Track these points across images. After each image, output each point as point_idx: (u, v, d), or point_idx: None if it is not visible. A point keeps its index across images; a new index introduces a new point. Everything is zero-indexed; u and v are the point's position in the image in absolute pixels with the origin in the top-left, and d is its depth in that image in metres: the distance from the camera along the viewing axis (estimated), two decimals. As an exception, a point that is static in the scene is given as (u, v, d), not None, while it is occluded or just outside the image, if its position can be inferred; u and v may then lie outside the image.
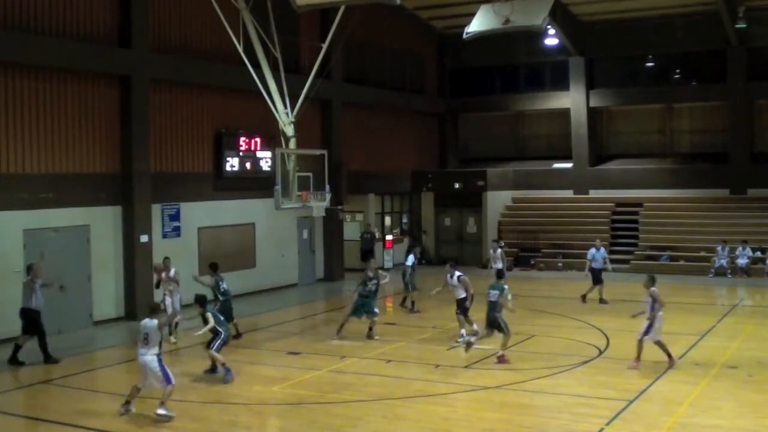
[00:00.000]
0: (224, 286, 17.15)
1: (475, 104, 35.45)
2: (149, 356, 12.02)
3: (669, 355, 14.58)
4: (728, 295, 24.51)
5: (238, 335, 17.04)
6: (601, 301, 21.86)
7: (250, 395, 13.21)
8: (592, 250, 22.36)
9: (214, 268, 17.46)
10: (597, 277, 22.07)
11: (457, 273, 17.17)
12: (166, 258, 18.01)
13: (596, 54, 32.65)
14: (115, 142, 20.19)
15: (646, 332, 14.52)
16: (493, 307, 15.21)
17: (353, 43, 25.72)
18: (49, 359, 15.68)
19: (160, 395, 11.97)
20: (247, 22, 18.90)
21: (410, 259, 21.67)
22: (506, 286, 15.47)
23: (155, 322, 12.14)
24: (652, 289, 14.67)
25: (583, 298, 21.96)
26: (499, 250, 23.40)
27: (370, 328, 17.57)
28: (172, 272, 17.59)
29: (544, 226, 31.40)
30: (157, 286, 17.76)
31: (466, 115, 36.19)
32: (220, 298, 16.93)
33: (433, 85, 35.14)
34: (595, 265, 22.13)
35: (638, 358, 14.51)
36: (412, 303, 21.12)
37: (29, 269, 15.87)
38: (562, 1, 29.05)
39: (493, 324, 15.26)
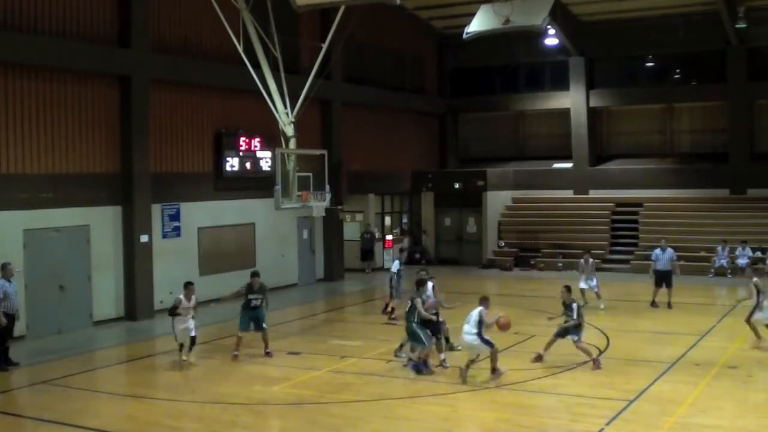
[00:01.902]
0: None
1: (475, 104, 35.44)
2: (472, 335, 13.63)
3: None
4: (728, 295, 24.46)
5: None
6: (668, 305, 20.91)
7: (250, 395, 13.20)
8: (657, 251, 21.36)
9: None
10: (661, 279, 21.02)
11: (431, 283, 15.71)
12: (191, 283, 15.95)
13: (596, 54, 32.64)
14: (115, 142, 20.18)
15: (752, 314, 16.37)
16: None
17: (353, 43, 25.71)
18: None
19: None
20: (247, 22, 18.90)
21: (395, 265, 20.42)
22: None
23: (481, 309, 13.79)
24: (755, 279, 16.58)
25: (653, 303, 21.06)
26: (591, 260, 21.39)
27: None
28: (192, 300, 15.60)
29: (544, 226, 31.40)
30: (174, 312, 15.50)
31: (466, 115, 36.18)
32: None
33: (433, 85, 35.14)
34: (659, 266, 21.09)
35: (758, 336, 16.26)
36: (392, 309, 19.80)
37: (3, 268, 15.44)
38: (562, 1, 29.03)
39: None
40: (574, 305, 14.85)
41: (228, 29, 18.88)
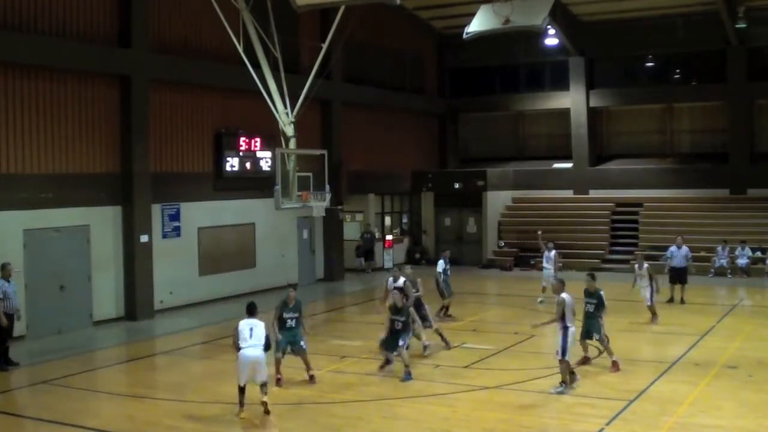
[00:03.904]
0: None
1: (475, 104, 35.44)
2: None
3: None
4: (728, 295, 24.50)
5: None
6: (681, 300, 21.34)
7: (251, 395, 13.16)
8: (672, 248, 21.65)
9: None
10: (676, 276, 21.36)
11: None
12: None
13: (596, 54, 32.64)
14: (115, 142, 20.18)
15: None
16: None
17: (353, 43, 25.70)
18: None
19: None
20: (247, 22, 18.88)
21: (440, 265, 20.21)
22: (602, 292, 14.57)
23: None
24: (646, 265, 18.99)
25: (671, 300, 21.37)
26: (554, 252, 21.92)
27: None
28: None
29: (544, 226, 31.25)
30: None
31: (466, 115, 36.18)
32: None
33: (433, 85, 35.14)
34: (674, 263, 21.38)
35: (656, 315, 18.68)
36: (446, 309, 19.99)
37: (2, 268, 15.48)
38: (562, 1, 29.04)
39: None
40: (601, 293, 14.45)
41: (228, 29, 18.85)
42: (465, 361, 15.30)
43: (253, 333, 12.07)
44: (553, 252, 21.87)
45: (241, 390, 12.01)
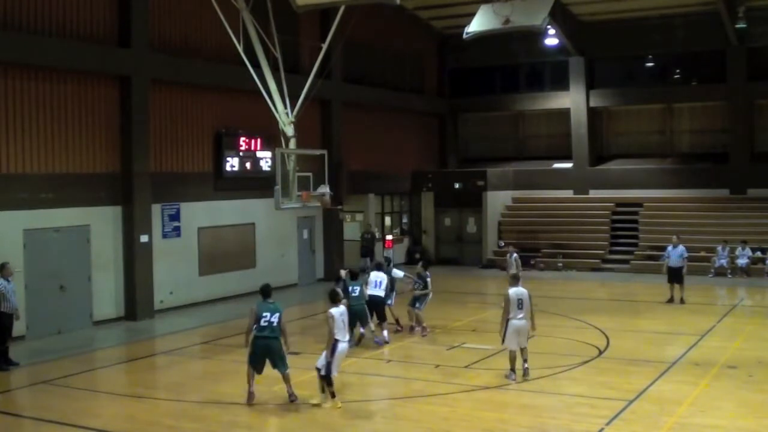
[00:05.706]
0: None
1: (475, 104, 35.45)
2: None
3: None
4: (728, 295, 24.49)
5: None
6: (681, 300, 21.40)
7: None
8: (669, 247, 21.76)
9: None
10: (672, 276, 21.45)
11: None
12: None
13: (596, 54, 32.64)
14: (115, 142, 20.18)
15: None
16: None
17: (353, 43, 25.72)
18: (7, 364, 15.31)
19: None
20: (247, 22, 18.88)
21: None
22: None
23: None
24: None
25: (671, 300, 21.53)
26: (515, 255, 22.01)
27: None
28: None
29: (544, 226, 31.40)
30: None
31: (466, 115, 36.19)
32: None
33: (433, 85, 35.14)
34: (670, 263, 21.47)
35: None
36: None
37: (2, 268, 15.43)
38: (562, 1, 29.04)
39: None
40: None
41: (228, 29, 18.86)
42: (465, 361, 15.30)
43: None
44: (515, 255, 21.99)
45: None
